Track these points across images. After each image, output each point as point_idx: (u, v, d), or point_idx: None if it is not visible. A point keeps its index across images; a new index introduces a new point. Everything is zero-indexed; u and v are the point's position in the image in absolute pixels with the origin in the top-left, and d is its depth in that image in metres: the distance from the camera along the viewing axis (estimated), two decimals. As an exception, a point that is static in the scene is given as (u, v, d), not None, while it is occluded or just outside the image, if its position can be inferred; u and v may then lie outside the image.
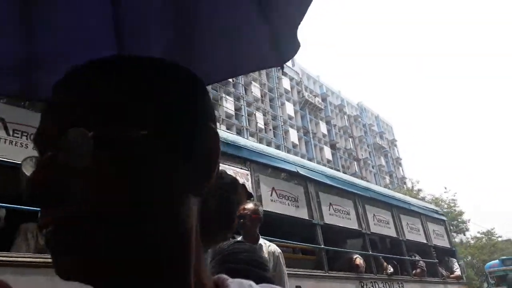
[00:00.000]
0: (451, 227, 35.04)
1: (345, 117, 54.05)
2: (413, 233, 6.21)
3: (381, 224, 5.54)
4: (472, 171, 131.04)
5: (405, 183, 52.82)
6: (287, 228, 4.21)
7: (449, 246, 7.27)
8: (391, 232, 5.71)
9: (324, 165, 45.34)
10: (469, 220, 34.88)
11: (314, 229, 4.34)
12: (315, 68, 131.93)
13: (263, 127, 38.59)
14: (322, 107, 48.66)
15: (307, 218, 4.31)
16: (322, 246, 4.27)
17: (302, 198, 4.32)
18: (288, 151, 40.76)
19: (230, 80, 35.43)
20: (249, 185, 3.51)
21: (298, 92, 46.96)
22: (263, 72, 41.77)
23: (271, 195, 3.87)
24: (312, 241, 4.34)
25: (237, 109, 36.54)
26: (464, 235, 38.12)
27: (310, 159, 43.86)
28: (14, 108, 2.50)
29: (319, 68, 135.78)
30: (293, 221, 4.19)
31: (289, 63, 47.31)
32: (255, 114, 37.94)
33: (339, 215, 4.79)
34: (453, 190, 46.23)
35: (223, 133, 3.85)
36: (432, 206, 8.26)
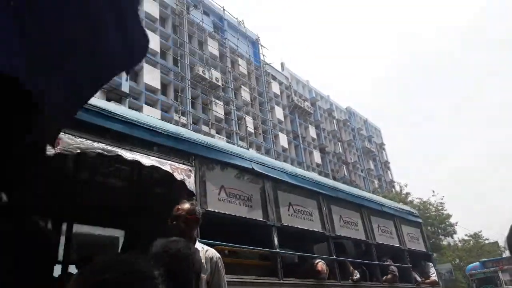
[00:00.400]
0: (439, 230, 35.32)
1: (334, 121, 54.29)
2: (385, 236, 5.87)
3: (348, 226, 5.15)
4: (461, 174, 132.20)
5: (393, 186, 53.13)
6: (238, 231, 3.91)
7: (425, 250, 6.94)
8: (359, 235, 5.32)
9: (314, 169, 45.52)
10: (457, 223, 35.12)
11: (269, 232, 3.93)
12: (304, 71, 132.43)
13: (253, 131, 38.55)
14: (312, 112, 48.84)
15: (261, 219, 3.90)
16: (277, 250, 3.83)
17: (257, 198, 3.92)
18: (278, 156, 40.75)
19: (220, 84, 35.41)
20: (191, 183, 3.12)
21: (288, 97, 47.07)
22: (253, 76, 41.84)
23: (219, 194, 3.49)
24: (267, 244, 3.93)
25: (227, 113, 36.46)
26: (452, 238, 38.46)
27: (299, 163, 43.90)
28: None
29: (309, 71, 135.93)
30: (245, 222, 3.82)
31: (278, 67, 47.60)
32: (244, 118, 37.89)
33: (300, 216, 4.36)
34: (441, 194, 46.26)
35: (163, 124, 3.41)
36: (407, 208, 7.68)
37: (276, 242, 3.88)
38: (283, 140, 42.49)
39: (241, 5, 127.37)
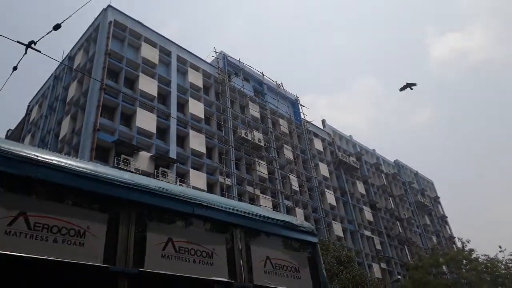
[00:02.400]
0: (513, 292, 31.46)
1: (383, 175, 52.61)
2: (189, 261, 2.93)
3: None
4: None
5: (454, 242, 49.05)
6: None
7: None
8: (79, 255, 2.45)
9: (366, 227, 43.51)
10: (533, 282, 31.13)
11: None
12: (348, 127, 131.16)
13: (297, 189, 38.25)
14: (358, 166, 47.88)
15: None
16: None
17: None
18: (326, 214, 39.70)
19: (262, 144, 36.20)
20: None
21: (331, 153, 46.82)
22: (294, 135, 42.45)
23: None
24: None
25: (271, 173, 36.74)
26: (530, 299, 34.04)
27: (350, 221, 42.32)
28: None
29: (352, 127, 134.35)
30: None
31: (319, 125, 47.99)
32: (288, 177, 37.90)
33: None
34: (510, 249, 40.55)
35: None
36: (283, 216, 4.13)
37: None
38: (330, 197, 41.58)
39: (281, 66, 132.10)
